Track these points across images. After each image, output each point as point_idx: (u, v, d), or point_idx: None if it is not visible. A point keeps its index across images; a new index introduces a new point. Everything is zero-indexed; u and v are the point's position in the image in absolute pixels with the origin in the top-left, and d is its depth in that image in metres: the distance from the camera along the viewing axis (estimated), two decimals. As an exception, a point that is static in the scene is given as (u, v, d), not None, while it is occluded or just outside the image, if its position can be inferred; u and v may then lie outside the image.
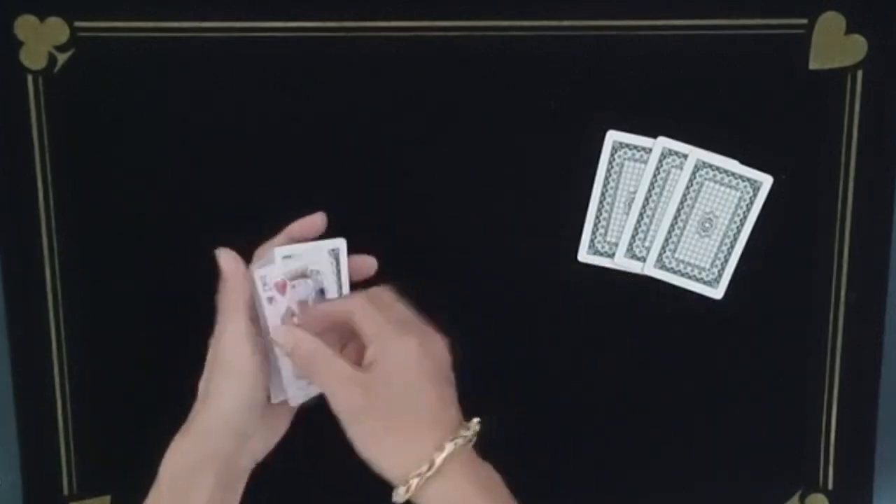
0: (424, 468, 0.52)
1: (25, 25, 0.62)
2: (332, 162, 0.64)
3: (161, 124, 0.63)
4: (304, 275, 0.59)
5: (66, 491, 0.67)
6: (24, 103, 0.62)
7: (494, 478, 0.55)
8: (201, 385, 0.58)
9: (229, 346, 0.57)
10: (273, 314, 0.58)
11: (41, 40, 0.62)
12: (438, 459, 0.52)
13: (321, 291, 0.59)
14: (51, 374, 0.65)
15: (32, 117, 0.63)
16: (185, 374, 0.57)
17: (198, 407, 0.57)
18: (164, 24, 0.62)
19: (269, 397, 0.58)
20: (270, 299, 0.58)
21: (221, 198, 0.64)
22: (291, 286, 0.58)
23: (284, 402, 0.59)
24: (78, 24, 0.62)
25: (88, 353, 0.65)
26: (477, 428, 0.55)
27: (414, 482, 0.52)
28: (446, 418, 0.55)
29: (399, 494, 0.53)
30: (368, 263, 0.61)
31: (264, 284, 0.57)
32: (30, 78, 0.62)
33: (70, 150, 0.63)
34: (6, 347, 0.65)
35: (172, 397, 0.57)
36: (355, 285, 0.60)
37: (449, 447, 0.52)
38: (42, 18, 0.62)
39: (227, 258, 0.58)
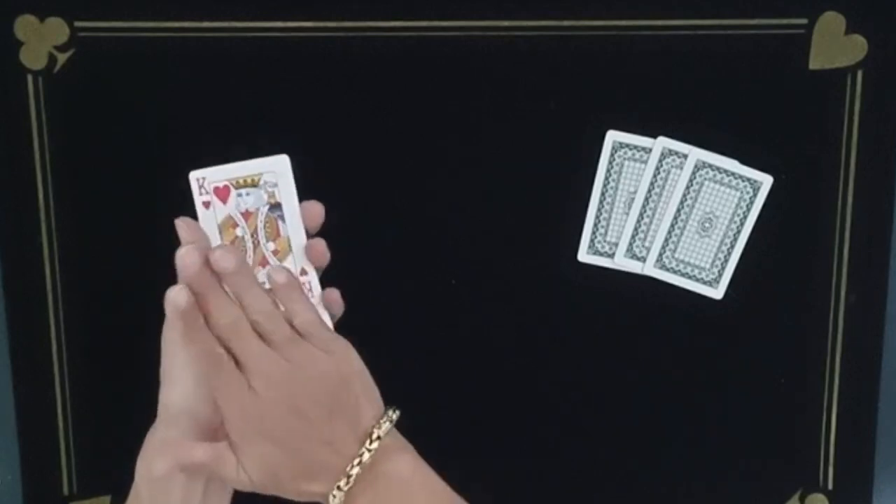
0: None
1: (25, 25, 0.62)
2: (331, 161, 0.64)
3: (161, 124, 0.63)
4: (253, 184, 0.54)
5: (66, 491, 0.67)
6: (24, 103, 0.62)
7: (411, 483, 0.53)
8: (161, 374, 0.56)
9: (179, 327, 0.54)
10: (208, 223, 0.53)
11: (41, 40, 0.62)
12: None
13: (276, 206, 0.55)
14: (51, 374, 0.65)
15: (32, 117, 0.63)
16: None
17: (159, 397, 0.55)
18: (164, 24, 0.62)
19: None
20: (206, 204, 0.53)
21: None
22: (237, 194, 0.53)
23: None
24: (78, 24, 0.62)
25: (88, 353, 0.65)
26: (374, 448, 0.52)
27: None
28: (326, 462, 0.52)
29: None
30: (317, 209, 0.57)
31: (200, 187, 0.52)
32: (30, 78, 0.62)
33: (70, 150, 0.63)
34: (6, 347, 0.65)
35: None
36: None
37: (337, 495, 0.51)
38: (42, 18, 0.62)
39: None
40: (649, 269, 0.65)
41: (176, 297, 0.53)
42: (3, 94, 0.62)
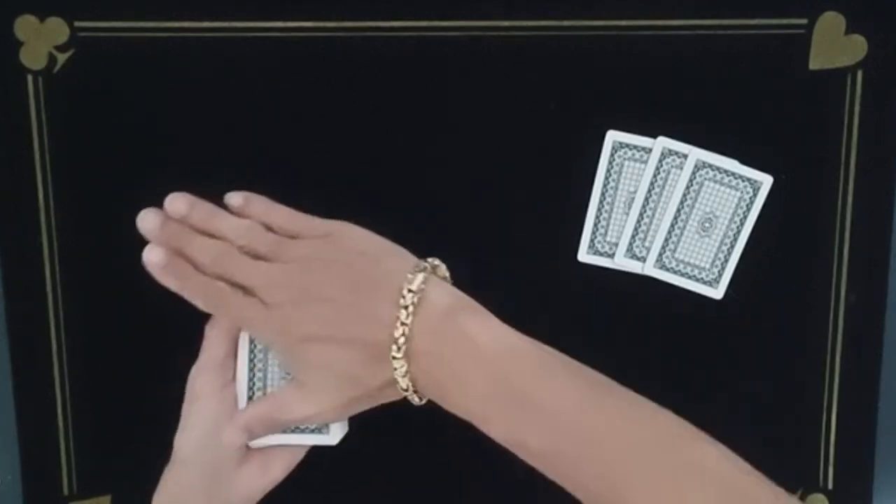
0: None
1: (25, 25, 0.62)
2: (331, 161, 0.64)
3: (161, 124, 0.63)
4: None
5: (66, 491, 0.66)
6: (24, 103, 0.62)
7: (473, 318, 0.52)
8: (182, 415, 0.57)
9: (199, 375, 0.56)
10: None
11: (41, 40, 0.62)
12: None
13: None
14: (51, 374, 0.65)
15: (32, 117, 0.63)
16: (186, 375, 0.58)
17: (175, 439, 0.57)
18: (164, 24, 0.62)
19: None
20: None
21: (222, 198, 0.64)
22: None
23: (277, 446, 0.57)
24: (78, 24, 0.62)
25: (88, 353, 0.65)
26: (419, 288, 0.51)
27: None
28: (374, 338, 0.51)
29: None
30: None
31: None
32: (30, 78, 0.62)
33: (70, 150, 0.63)
34: (6, 347, 0.65)
35: (172, 397, 0.57)
36: None
37: (397, 366, 0.50)
38: (42, 18, 0.62)
39: None
40: (649, 269, 0.65)
41: (151, 256, 0.54)
42: (3, 94, 0.62)
